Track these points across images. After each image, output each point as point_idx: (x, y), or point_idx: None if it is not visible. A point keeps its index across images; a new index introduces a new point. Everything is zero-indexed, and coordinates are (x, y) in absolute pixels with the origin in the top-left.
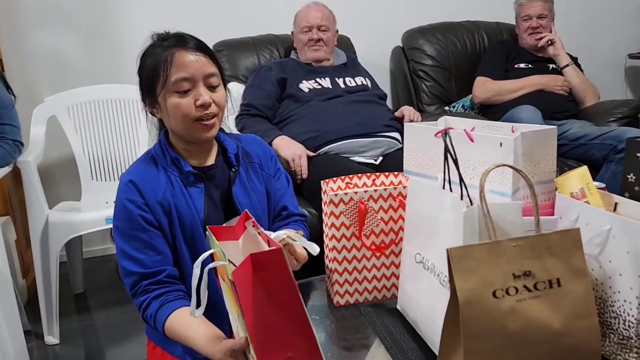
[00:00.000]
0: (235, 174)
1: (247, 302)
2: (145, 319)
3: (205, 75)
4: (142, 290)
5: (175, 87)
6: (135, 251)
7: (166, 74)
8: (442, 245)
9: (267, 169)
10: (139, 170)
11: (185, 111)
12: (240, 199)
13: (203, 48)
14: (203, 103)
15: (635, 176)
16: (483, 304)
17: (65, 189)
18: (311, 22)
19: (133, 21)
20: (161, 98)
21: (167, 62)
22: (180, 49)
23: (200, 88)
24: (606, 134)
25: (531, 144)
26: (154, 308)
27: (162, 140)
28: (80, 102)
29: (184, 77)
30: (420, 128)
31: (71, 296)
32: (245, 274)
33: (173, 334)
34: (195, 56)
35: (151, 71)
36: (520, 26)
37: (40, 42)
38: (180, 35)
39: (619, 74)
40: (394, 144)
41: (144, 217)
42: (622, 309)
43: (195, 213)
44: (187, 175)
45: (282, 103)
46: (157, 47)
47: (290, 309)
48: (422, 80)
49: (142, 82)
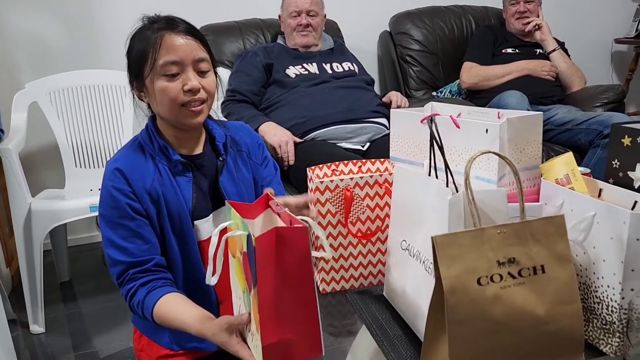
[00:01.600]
0: (222, 163)
1: (264, 271)
2: (132, 307)
3: (194, 60)
4: (128, 279)
5: (163, 70)
6: (122, 240)
7: (154, 56)
8: (428, 232)
9: (254, 157)
10: (127, 157)
11: (172, 96)
12: (228, 188)
13: (194, 32)
14: (191, 88)
15: (620, 162)
16: (467, 291)
17: (49, 177)
18: (300, 7)
19: (116, 5)
20: (149, 81)
21: (155, 45)
22: (170, 32)
23: (189, 72)
24: (592, 119)
25: (517, 130)
26: (141, 295)
27: (149, 127)
28: (62, 88)
29: (173, 60)
30: (406, 114)
31: (57, 284)
32: (269, 243)
33: (162, 319)
34: (185, 40)
35: (139, 54)
36: (507, 10)
37: (20, 26)
38: (171, 18)
39: (605, 59)
40: (381, 129)
41: (131, 206)
42: (606, 294)
43: (184, 202)
44: (175, 164)
45: (269, 89)
46: (146, 30)
47: (302, 291)
48: (410, 66)
49: (130, 64)
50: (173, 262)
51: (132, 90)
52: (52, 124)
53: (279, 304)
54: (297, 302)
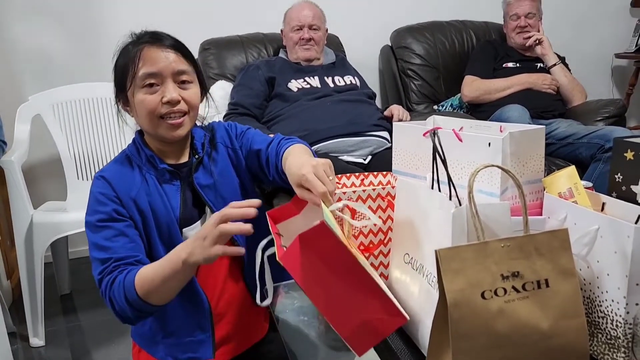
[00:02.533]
0: (198, 160)
1: (305, 282)
2: (112, 298)
3: (174, 72)
4: (109, 271)
5: (142, 82)
6: (106, 240)
7: (135, 69)
8: (431, 246)
9: (230, 143)
10: (113, 168)
11: (150, 107)
12: (202, 182)
13: (176, 46)
14: (169, 100)
15: (623, 176)
16: (471, 305)
17: (51, 189)
18: (302, 21)
19: (119, 19)
20: (130, 94)
21: (136, 57)
22: (151, 46)
23: (168, 84)
24: (593, 133)
25: (519, 144)
26: (120, 278)
27: (136, 140)
28: (65, 101)
29: (151, 72)
30: (408, 128)
31: (57, 297)
32: (295, 255)
33: (145, 279)
34: (165, 52)
35: (122, 67)
36: (508, 25)
37: (24, 40)
38: (155, 33)
39: (605, 73)
40: (383, 143)
41: (116, 210)
42: (610, 308)
43: (171, 210)
44: (162, 172)
45: (271, 102)
46: (129, 45)
47: (352, 277)
48: (411, 80)
49: (115, 79)
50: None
51: (117, 104)
52: (55, 136)
53: (335, 300)
54: (354, 288)
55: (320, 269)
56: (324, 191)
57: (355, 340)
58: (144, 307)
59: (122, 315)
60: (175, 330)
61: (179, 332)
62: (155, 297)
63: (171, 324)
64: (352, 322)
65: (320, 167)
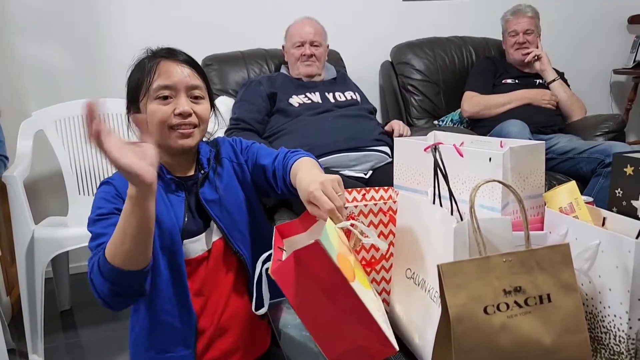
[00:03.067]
0: (204, 176)
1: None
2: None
3: (187, 86)
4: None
5: (157, 93)
6: (102, 229)
7: (149, 81)
8: (433, 261)
9: (235, 158)
10: (119, 176)
11: (162, 117)
12: (208, 197)
13: (191, 62)
14: (182, 112)
15: (623, 191)
16: (474, 320)
17: (52, 204)
18: (304, 38)
19: (122, 35)
20: (142, 105)
21: (152, 71)
22: (167, 60)
23: (181, 98)
24: (593, 148)
25: (520, 159)
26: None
27: None
28: (68, 117)
29: (166, 84)
30: (409, 143)
31: (57, 313)
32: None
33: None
34: (180, 67)
35: (136, 80)
36: (507, 41)
37: (28, 55)
38: (171, 49)
39: (604, 89)
40: (384, 158)
41: (117, 208)
42: (613, 324)
43: (175, 221)
44: (168, 183)
45: (272, 117)
46: (145, 59)
47: (343, 300)
48: (411, 95)
49: (128, 91)
50: (159, 278)
51: (127, 114)
52: (57, 151)
53: (324, 321)
54: (344, 313)
55: (312, 289)
56: (331, 208)
57: None
58: (114, 275)
59: (101, 295)
60: (159, 344)
61: (162, 346)
62: (120, 256)
63: (155, 337)
64: (340, 346)
65: (329, 183)
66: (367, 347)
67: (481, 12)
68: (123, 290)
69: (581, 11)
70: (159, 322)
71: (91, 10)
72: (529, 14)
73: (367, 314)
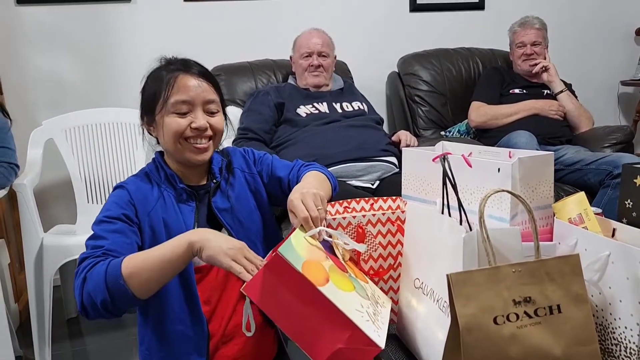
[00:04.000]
0: (216, 185)
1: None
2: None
3: (204, 101)
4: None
5: (174, 108)
6: (105, 232)
7: (167, 94)
8: (442, 271)
9: (247, 168)
10: (133, 182)
11: (178, 129)
12: (220, 206)
13: (206, 75)
14: (198, 127)
15: (633, 202)
16: (484, 330)
17: (61, 212)
18: (312, 48)
19: (132, 45)
20: (159, 117)
21: (169, 84)
22: (185, 73)
23: (198, 112)
24: (601, 159)
25: (528, 170)
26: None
27: (157, 159)
28: (78, 125)
29: (184, 99)
30: (418, 153)
31: (64, 321)
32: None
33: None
34: (197, 81)
35: (153, 91)
36: (514, 53)
37: (38, 65)
38: (186, 60)
39: (612, 100)
40: (391, 168)
41: (126, 214)
42: (623, 335)
43: (185, 229)
44: (180, 192)
45: (280, 127)
46: (162, 70)
47: (318, 307)
48: (418, 105)
49: (143, 101)
50: (169, 285)
51: (142, 125)
52: (67, 160)
53: (306, 327)
54: (322, 316)
55: (287, 298)
56: (305, 216)
57: None
58: (119, 291)
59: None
60: (172, 353)
61: (175, 355)
62: (138, 280)
63: (168, 346)
64: (325, 350)
65: (310, 195)
66: (352, 348)
67: (488, 23)
68: (115, 308)
69: (589, 23)
70: (171, 332)
71: (101, 22)
72: (537, 25)
73: (342, 317)
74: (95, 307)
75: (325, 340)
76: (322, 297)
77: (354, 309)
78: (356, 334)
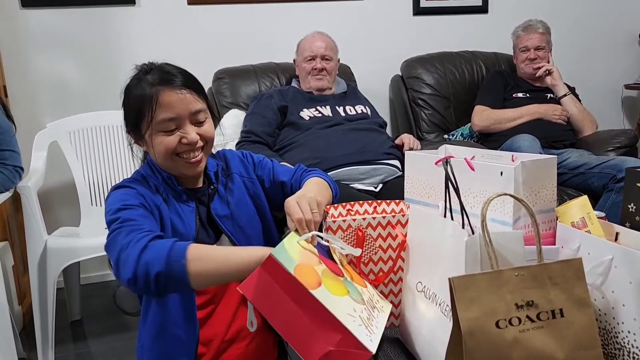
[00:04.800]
0: (213, 191)
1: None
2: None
3: (191, 113)
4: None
5: (161, 127)
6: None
7: (151, 114)
8: (444, 274)
9: (246, 173)
10: (132, 182)
11: (169, 147)
12: (220, 212)
13: (188, 84)
14: (189, 142)
15: (636, 206)
16: (486, 334)
17: (65, 215)
18: (315, 52)
19: (136, 48)
20: (147, 136)
21: (152, 102)
22: (165, 88)
23: (187, 127)
24: (605, 163)
25: (531, 173)
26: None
27: (150, 162)
28: (82, 128)
29: (170, 117)
30: (421, 156)
31: (67, 323)
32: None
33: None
34: (180, 95)
35: (136, 109)
36: (518, 57)
37: (43, 68)
38: (165, 70)
39: (616, 104)
40: (394, 171)
41: (141, 203)
42: (627, 340)
43: (189, 230)
44: (180, 194)
45: (283, 130)
46: (142, 82)
47: (310, 309)
48: (421, 109)
49: (127, 116)
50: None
51: (129, 140)
52: (71, 162)
53: (299, 327)
54: (313, 320)
55: (281, 299)
56: (299, 217)
57: None
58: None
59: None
60: (164, 353)
61: (167, 355)
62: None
63: (161, 346)
64: (317, 351)
65: (306, 199)
66: (342, 351)
67: (491, 26)
68: (165, 286)
69: (592, 26)
70: (165, 334)
71: (105, 25)
72: (540, 30)
73: (333, 320)
74: (148, 278)
75: (316, 342)
76: (314, 299)
77: (346, 313)
78: (347, 337)
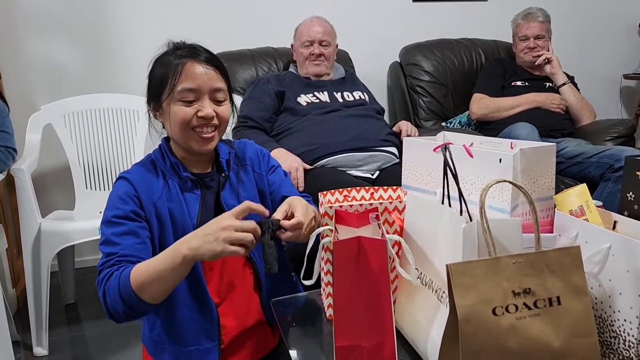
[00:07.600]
0: (225, 179)
1: (340, 276)
2: (105, 291)
3: (211, 89)
4: (109, 265)
5: (181, 95)
6: (116, 236)
7: (174, 82)
8: (441, 261)
9: (258, 168)
10: (138, 171)
11: (185, 118)
12: (229, 202)
13: (214, 62)
14: (205, 115)
15: (635, 194)
16: (482, 320)
17: (59, 198)
18: (313, 37)
19: (131, 31)
20: (165, 104)
21: (176, 71)
22: (192, 60)
23: (204, 101)
24: (603, 153)
25: (530, 161)
26: (117, 273)
27: (162, 146)
28: (77, 111)
29: (190, 87)
30: (419, 142)
31: (62, 306)
32: (349, 250)
33: (141, 272)
34: (205, 69)
35: (160, 77)
36: (517, 45)
37: (37, 50)
38: (194, 46)
39: (614, 94)
40: (391, 158)
41: (134, 211)
42: (622, 328)
43: (189, 219)
44: (185, 180)
45: (280, 116)
46: (169, 55)
47: (378, 302)
48: (420, 96)
49: (150, 86)
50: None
51: (148, 110)
52: (65, 145)
53: (354, 309)
54: (373, 312)
55: (356, 277)
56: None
57: (342, 355)
58: (135, 303)
59: (112, 310)
60: (182, 338)
61: (185, 339)
62: (149, 292)
63: (179, 331)
64: (353, 339)
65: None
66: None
67: (491, 14)
68: (136, 313)
69: (592, 16)
70: (180, 317)
71: (99, 7)
72: (540, 18)
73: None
74: (120, 316)
75: (362, 332)
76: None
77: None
78: (390, 343)
